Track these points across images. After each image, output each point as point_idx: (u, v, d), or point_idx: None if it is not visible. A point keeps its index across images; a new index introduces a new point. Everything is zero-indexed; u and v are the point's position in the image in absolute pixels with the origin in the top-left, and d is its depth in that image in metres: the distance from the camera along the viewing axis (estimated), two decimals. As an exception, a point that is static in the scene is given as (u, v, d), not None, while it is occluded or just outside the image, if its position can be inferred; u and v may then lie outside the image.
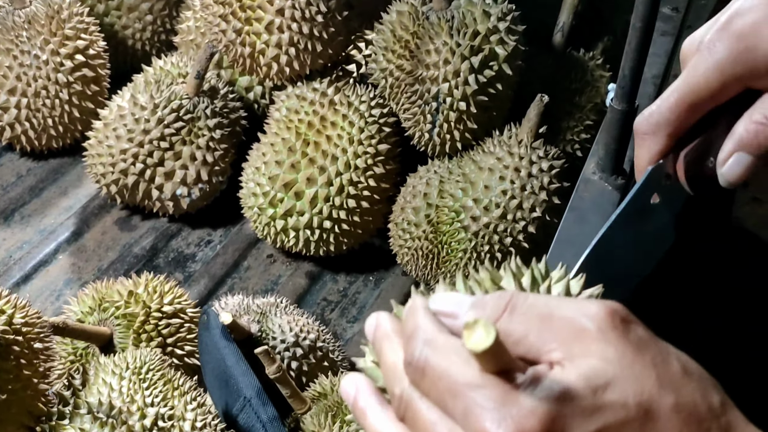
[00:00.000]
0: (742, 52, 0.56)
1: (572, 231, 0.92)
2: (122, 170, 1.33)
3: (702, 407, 0.41)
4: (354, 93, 1.31)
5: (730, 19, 0.57)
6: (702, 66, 0.57)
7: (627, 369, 0.41)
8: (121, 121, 1.32)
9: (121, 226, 1.42)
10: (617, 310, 0.43)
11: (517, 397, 0.40)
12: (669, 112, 0.59)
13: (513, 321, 0.43)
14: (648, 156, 0.62)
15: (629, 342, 0.42)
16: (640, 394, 0.41)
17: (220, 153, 1.36)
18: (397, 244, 1.32)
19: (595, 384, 0.40)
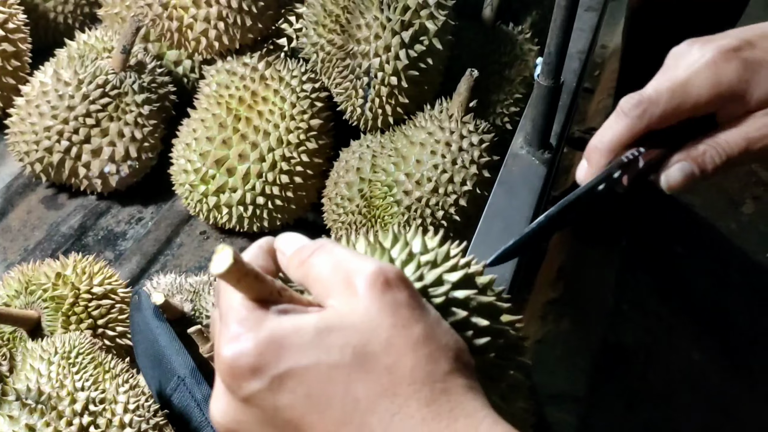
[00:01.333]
0: (742, 84, 0.61)
1: (501, 204, 0.94)
2: (47, 148, 1.29)
3: (419, 374, 0.45)
4: (285, 67, 1.30)
5: (741, 45, 0.61)
6: (701, 79, 0.61)
7: (365, 322, 0.46)
8: (44, 98, 1.28)
9: (47, 205, 1.39)
10: (386, 272, 0.48)
11: (255, 321, 0.46)
12: (661, 106, 0.62)
13: (315, 260, 0.49)
14: (624, 134, 0.65)
15: (382, 302, 0.47)
16: (362, 345, 0.45)
17: (149, 129, 1.34)
18: (331, 218, 1.32)
19: (325, 325, 0.46)
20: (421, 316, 0.47)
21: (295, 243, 0.52)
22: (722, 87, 0.61)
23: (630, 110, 0.63)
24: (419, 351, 0.46)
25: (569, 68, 1.12)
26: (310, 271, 0.49)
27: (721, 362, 1.91)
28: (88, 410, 0.72)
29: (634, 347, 1.96)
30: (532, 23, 1.43)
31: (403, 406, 0.44)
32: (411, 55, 1.20)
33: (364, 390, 0.45)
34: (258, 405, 0.46)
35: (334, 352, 0.45)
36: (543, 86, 0.96)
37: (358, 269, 0.48)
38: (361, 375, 0.45)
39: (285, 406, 0.45)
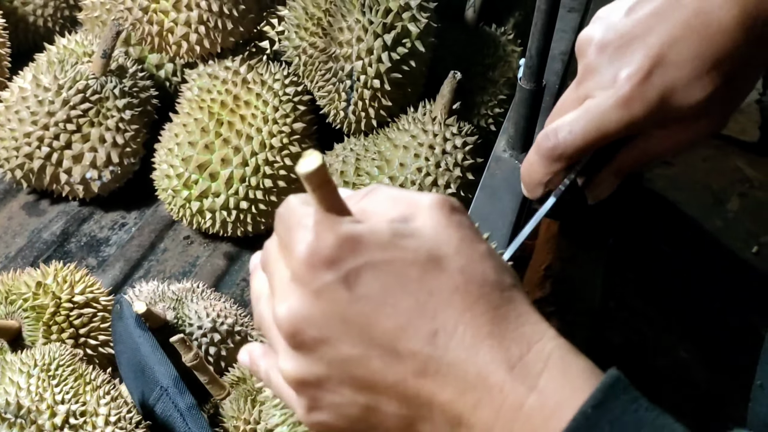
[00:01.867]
0: (657, 113, 0.60)
1: (484, 209, 0.94)
2: (27, 154, 1.28)
3: (488, 278, 0.47)
4: (267, 71, 1.29)
5: (652, 69, 0.59)
6: (616, 117, 0.61)
7: (436, 234, 0.48)
8: (24, 104, 1.26)
9: (28, 211, 1.38)
10: (450, 200, 0.50)
11: (332, 222, 0.47)
12: (576, 148, 0.64)
13: (370, 199, 0.51)
14: (544, 174, 0.68)
15: (450, 220, 0.49)
16: (436, 249, 0.47)
17: (131, 134, 1.33)
18: (316, 222, 1.32)
19: (400, 231, 0.47)
20: (481, 238, 0.50)
21: (344, 192, 0.53)
22: (638, 123, 0.62)
23: (547, 153, 0.66)
24: (487, 262, 0.48)
25: (552, 70, 1.12)
26: (368, 205, 0.50)
27: (708, 360, 1.92)
28: (69, 423, 0.72)
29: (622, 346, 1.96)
30: (515, 24, 1.43)
31: (473, 304, 0.46)
32: (393, 57, 1.20)
33: (438, 285, 0.46)
34: (331, 298, 0.46)
35: (410, 251, 0.46)
36: (525, 89, 0.95)
37: (420, 199, 0.49)
38: (435, 272, 0.46)
39: (359, 298, 0.46)
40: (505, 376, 0.44)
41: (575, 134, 0.63)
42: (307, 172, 0.46)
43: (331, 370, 0.47)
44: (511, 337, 0.45)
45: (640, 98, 0.60)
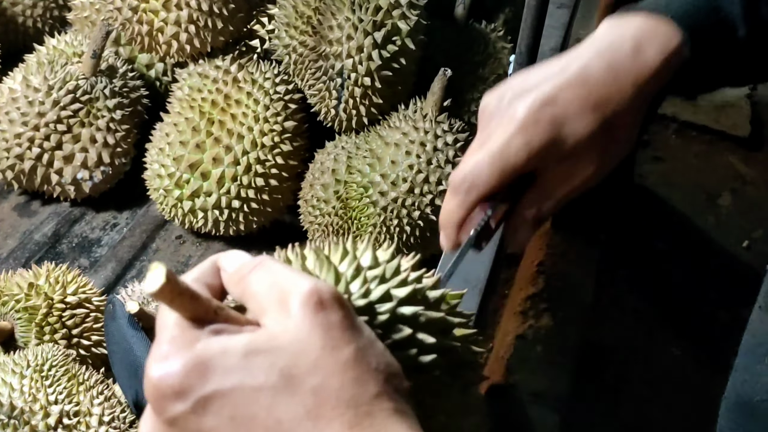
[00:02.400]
0: (550, 142, 0.66)
1: (475, 206, 0.94)
2: (18, 155, 1.28)
3: (345, 395, 0.45)
4: (258, 70, 1.29)
5: (544, 104, 0.66)
6: (515, 144, 0.66)
7: (294, 343, 0.45)
8: (14, 105, 1.26)
9: (20, 212, 1.37)
10: (321, 291, 0.47)
11: (186, 341, 0.46)
12: (483, 178, 0.67)
13: (253, 277, 0.49)
14: (459, 211, 0.70)
15: (314, 322, 0.46)
16: (289, 367, 0.45)
17: (122, 134, 1.32)
18: (308, 220, 1.32)
19: (253, 347, 0.45)
20: (353, 338, 0.47)
21: (237, 260, 0.52)
22: (534, 149, 0.66)
23: (458, 187, 0.68)
24: (347, 373, 0.45)
25: (542, 66, 1.12)
26: (247, 287, 0.49)
27: (701, 357, 1.93)
28: (62, 424, 0.71)
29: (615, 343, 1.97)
30: (505, 20, 1.43)
31: (325, 428, 0.44)
32: (384, 55, 1.20)
33: (288, 412, 0.44)
34: (182, 428, 0.45)
35: (260, 373, 0.45)
36: (515, 86, 0.95)
37: (293, 288, 0.47)
38: (285, 397, 0.45)
39: (209, 429, 0.45)
40: None
41: (481, 165, 0.67)
42: (154, 291, 0.44)
43: None
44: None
45: (533, 124, 0.66)
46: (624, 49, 0.67)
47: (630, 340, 2.00)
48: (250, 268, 0.50)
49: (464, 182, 0.67)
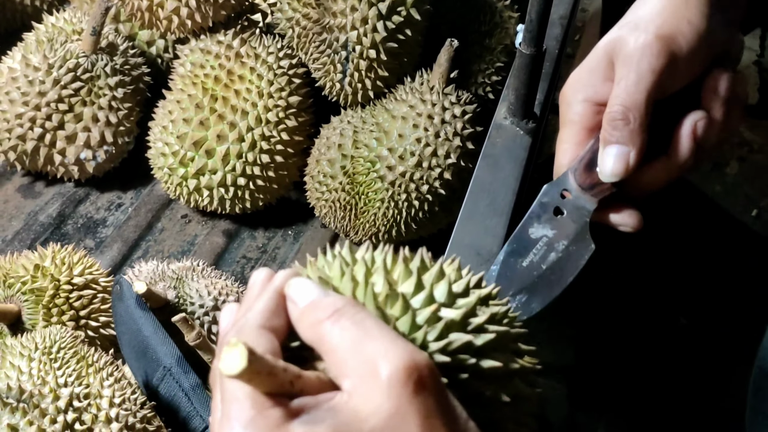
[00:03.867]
0: (681, 37, 0.65)
1: (486, 178, 0.92)
2: (20, 136, 1.26)
3: None
4: (261, 44, 1.27)
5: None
6: (657, 48, 0.65)
7: (389, 428, 0.41)
8: (14, 84, 1.24)
9: (24, 194, 1.36)
10: (420, 368, 0.42)
11: (264, 428, 0.41)
12: (639, 105, 0.65)
13: (334, 329, 0.44)
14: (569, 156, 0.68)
15: (412, 407, 0.41)
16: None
17: (124, 112, 1.31)
18: (314, 196, 1.30)
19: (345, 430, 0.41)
20: (451, 425, 0.42)
21: (309, 294, 0.47)
22: (676, 52, 0.65)
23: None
24: None
25: (551, 35, 1.10)
26: (325, 337, 0.44)
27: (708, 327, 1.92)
28: (72, 406, 0.71)
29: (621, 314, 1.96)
30: (511, -10, 1.40)
31: None
32: (389, 26, 1.18)
33: None
34: None
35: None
36: (525, 54, 0.93)
37: (385, 356, 0.42)
38: None
39: None
40: None
41: (632, 91, 0.64)
42: (233, 373, 0.40)
43: None
44: None
45: (663, 33, 0.65)
46: None
47: (636, 310, 1.99)
48: (328, 313, 0.44)
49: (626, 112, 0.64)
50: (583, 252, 0.66)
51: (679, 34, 0.65)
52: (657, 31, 0.65)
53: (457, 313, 0.50)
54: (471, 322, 0.50)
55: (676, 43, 0.65)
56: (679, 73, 0.65)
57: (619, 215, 0.69)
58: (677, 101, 0.66)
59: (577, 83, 0.69)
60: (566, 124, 0.69)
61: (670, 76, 0.65)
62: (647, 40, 0.64)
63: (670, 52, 0.65)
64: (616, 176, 0.65)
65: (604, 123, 0.65)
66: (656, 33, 0.65)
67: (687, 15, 0.65)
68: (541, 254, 0.66)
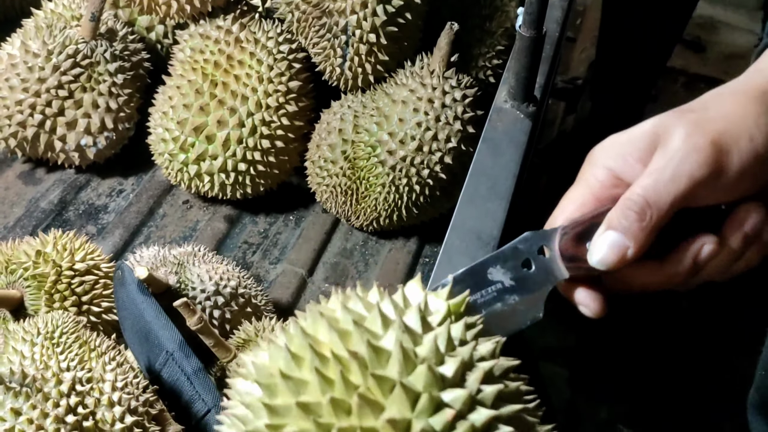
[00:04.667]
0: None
1: (487, 162, 0.92)
2: (20, 122, 1.26)
3: None
4: (260, 29, 1.26)
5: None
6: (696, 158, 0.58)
7: None
8: (14, 71, 1.24)
9: (25, 180, 1.36)
10: None
11: None
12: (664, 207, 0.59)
13: None
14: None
15: None
16: None
17: (125, 98, 1.30)
18: (315, 182, 1.30)
19: None
20: None
21: None
22: (720, 166, 0.59)
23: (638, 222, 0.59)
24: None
25: (551, 18, 1.09)
26: None
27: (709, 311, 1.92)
28: (75, 390, 0.71)
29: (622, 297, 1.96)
30: (511, -27, 1.40)
31: None
32: (388, 10, 1.17)
33: None
34: None
35: None
36: (525, 37, 0.93)
37: None
38: None
39: None
40: None
41: (660, 189, 0.58)
42: None
43: None
44: None
45: (704, 142, 0.58)
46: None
47: (637, 293, 2.00)
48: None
49: (644, 213, 0.58)
50: (528, 317, 0.61)
51: (736, 150, 0.58)
52: (714, 137, 0.58)
53: (465, 392, 0.49)
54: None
55: (729, 158, 0.58)
56: (719, 189, 0.59)
57: (586, 295, 0.63)
58: (702, 214, 0.60)
59: (610, 148, 0.63)
60: (580, 183, 0.64)
61: (707, 189, 0.58)
62: (699, 143, 0.58)
63: (719, 165, 0.58)
64: (605, 266, 0.59)
65: (618, 206, 0.59)
66: (713, 139, 0.58)
67: (752, 130, 0.58)
68: (488, 299, 0.61)
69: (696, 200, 0.59)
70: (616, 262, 0.59)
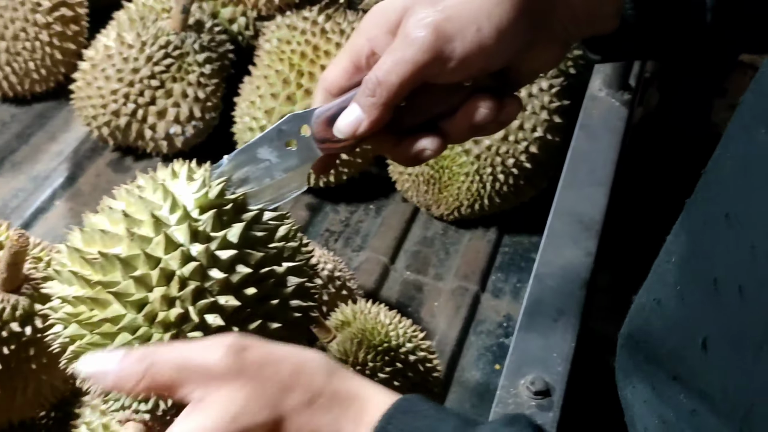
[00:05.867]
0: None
1: (584, 148, 0.93)
2: (114, 111, 1.30)
3: (312, 391, 0.53)
4: (345, 20, 1.29)
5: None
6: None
7: (252, 394, 0.52)
8: (109, 62, 1.28)
9: (114, 168, 1.40)
10: (233, 343, 0.54)
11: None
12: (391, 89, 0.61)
13: (156, 376, 0.53)
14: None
15: (247, 368, 0.53)
16: (269, 407, 0.52)
17: (212, 88, 1.34)
18: (397, 171, 1.32)
19: (233, 413, 0.51)
20: (277, 355, 0.55)
21: (105, 364, 0.54)
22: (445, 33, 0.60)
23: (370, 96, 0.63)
24: (298, 384, 0.54)
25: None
26: (156, 383, 0.53)
27: None
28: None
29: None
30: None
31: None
32: (476, 1, 1.18)
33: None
34: None
35: (258, 428, 0.53)
36: (623, 25, 0.93)
37: (206, 357, 0.54)
38: (284, 427, 0.53)
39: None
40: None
41: (389, 70, 0.60)
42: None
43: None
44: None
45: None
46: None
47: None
48: (141, 374, 0.53)
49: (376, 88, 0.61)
50: (293, 189, 0.70)
51: (460, 38, 0.59)
52: (439, 23, 0.59)
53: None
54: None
55: (450, 46, 0.59)
56: (447, 72, 0.60)
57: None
58: (446, 89, 0.63)
59: (372, 17, 0.64)
60: (345, 50, 0.65)
61: (435, 71, 0.60)
62: (424, 27, 0.59)
63: (439, 52, 0.59)
64: (341, 135, 0.63)
65: (363, 82, 0.62)
66: (436, 25, 0.59)
67: (481, 20, 0.59)
68: (257, 174, 0.69)
69: (430, 79, 0.61)
70: (350, 132, 0.63)
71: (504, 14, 0.59)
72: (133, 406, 0.56)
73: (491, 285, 1.28)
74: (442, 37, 0.59)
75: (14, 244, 0.62)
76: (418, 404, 0.54)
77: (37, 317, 0.65)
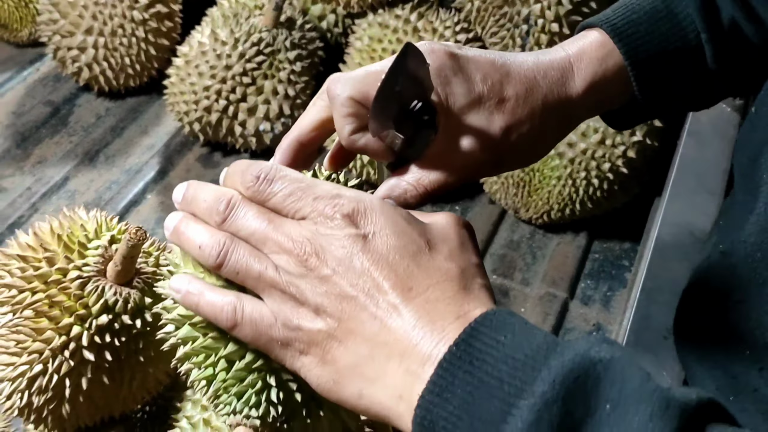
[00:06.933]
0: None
1: (693, 156, 0.89)
2: (206, 107, 1.31)
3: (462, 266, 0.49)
4: (437, 18, 1.27)
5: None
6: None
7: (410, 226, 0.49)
8: (203, 58, 1.29)
9: (203, 163, 1.42)
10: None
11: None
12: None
13: (275, 186, 0.50)
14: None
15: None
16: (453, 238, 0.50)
17: (301, 86, 1.34)
18: (486, 172, 1.30)
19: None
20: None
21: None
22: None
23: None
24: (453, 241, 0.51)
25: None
26: (273, 194, 0.50)
27: None
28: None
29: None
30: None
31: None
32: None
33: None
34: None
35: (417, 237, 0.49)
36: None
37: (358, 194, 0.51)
38: (430, 255, 0.48)
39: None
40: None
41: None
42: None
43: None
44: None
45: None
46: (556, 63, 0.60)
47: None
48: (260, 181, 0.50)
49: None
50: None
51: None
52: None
53: None
54: None
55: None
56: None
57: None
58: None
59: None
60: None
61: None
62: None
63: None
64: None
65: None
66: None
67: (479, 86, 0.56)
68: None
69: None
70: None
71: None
72: (244, 411, 0.55)
73: (580, 292, 1.24)
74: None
75: (132, 238, 0.62)
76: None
77: (147, 311, 0.65)
